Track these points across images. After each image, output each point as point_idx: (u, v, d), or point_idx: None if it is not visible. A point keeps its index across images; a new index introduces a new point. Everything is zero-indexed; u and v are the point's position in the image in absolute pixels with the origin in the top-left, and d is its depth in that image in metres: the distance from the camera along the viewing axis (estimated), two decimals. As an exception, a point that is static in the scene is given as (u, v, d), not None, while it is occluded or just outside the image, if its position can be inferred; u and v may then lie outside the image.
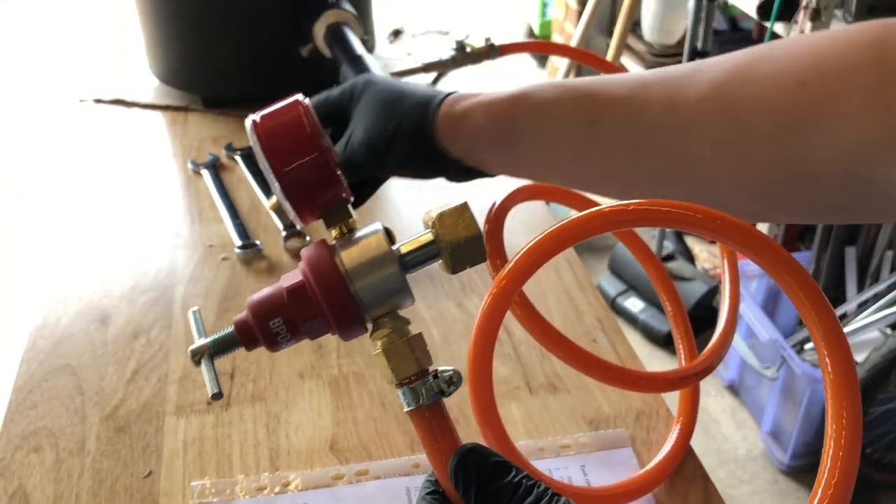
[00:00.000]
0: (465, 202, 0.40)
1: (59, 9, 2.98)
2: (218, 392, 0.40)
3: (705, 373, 0.61)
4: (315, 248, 0.40)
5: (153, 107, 1.20)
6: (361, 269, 0.39)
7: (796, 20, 1.53)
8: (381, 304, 0.40)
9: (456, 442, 0.40)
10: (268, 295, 0.41)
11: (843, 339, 0.35)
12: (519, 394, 0.71)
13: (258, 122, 0.40)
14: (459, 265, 0.40)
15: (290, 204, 0.40)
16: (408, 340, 0.40)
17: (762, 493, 1.69)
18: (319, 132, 0.41)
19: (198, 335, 0.42)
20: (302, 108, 0.40)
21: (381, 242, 0.40)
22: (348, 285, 0.39)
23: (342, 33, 1.06)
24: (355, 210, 0.53)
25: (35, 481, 0.64)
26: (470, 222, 0.39)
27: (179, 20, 1.13)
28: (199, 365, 0.41)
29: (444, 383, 0.40)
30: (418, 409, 0.40)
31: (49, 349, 0.76)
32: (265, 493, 0.63)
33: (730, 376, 1.92)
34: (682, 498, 0.62)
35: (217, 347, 0.41)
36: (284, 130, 0.40)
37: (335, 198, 0.41)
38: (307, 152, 0.39)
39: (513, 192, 0.65)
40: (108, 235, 0.93)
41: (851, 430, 0.35)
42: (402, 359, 0.40)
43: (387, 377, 0.40)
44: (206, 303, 0.82)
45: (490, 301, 0.41)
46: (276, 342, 0.40)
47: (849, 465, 0.35)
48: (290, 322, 0.40)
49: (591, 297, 0.83)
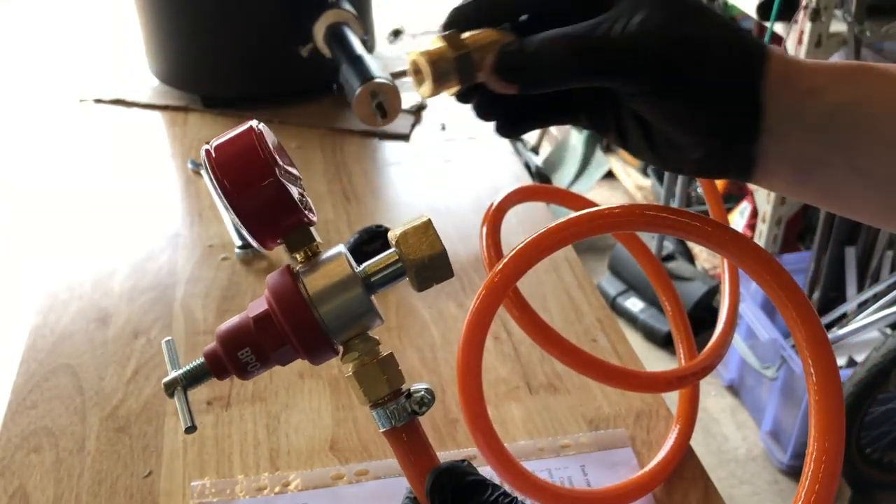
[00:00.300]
0: (429, 219, 0.39)
1: (59, 9, 2.98)
2: (191, 426, 0.39)
3: (704, 372, 0.61)
4: (279, 274, 0.40)
5: (153, 107, 1.20)
6: (325, 293, 0.39)
7: (796, 20, 1.54)
8: (347, 327, 0.39)
9: (432, 460, 0.40)
10: (235, 325, 0.40)
11: (829, 354, 0.35)
12: (519, 394, 0.71)
13: (210, 152, 0.39)
14: (425, 283, 0.39)
15: (247, 231, 0.39)
16: (378, 362, 0.40)
17: (762, 493, 1.69)
18: (274, 159, 0.39)
19: (171, 367, 0.42)
20: (255, 133, 0.39)
21: (343, 265, 0.39)
22: (313, 311, 0.38)
23: (342, 33, 1.06)
24: (507, 137, 0.47)
25: (35, 481, 0.64)
26: (434, 240, 0.39)
27: (179, 20, 1.13)
28: (172, 397, 0.41)
29: (415, 404, 0.40)
30: (393, 430, 0.40)
31: (49, 349, 0.76)
32: (265, 493, 0.63)
33: (730, 376, 1.92)
34: (681, 498, 0.62)
35: (189, 379, 0.41)
36: (237, 157, 0.39)
37: (296, 223, 0.40)
38: (261, 178, 0.38)
39: (510, 193, 0.65)
40: (109, 235, 0.93)
41: (833, 457, 0.35)
42: (373, 381, 0.40)
43: (359, 399, 0.40)
44: (206, 303, 0.82)
45: (482, 297, 0.41)
46: (247, 371, 0.40)
47: (830, 475, 0.35)
48: (259, 351, 0.40)
49: (591, 297, 0.83)
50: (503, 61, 0.41)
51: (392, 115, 0.99)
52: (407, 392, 0.40)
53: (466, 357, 0.50)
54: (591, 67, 0.39)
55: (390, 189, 1.04)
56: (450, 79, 0.42)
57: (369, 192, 1.01)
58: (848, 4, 1.49)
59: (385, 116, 0.99)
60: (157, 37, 1.17)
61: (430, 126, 1.16)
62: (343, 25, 1.07)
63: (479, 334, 0.49)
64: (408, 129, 1.15)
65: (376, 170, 1.07)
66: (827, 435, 0.35)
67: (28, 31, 3.15)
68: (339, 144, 1.11)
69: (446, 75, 0.42)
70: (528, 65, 0.40)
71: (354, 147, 1.10)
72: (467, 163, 1.08)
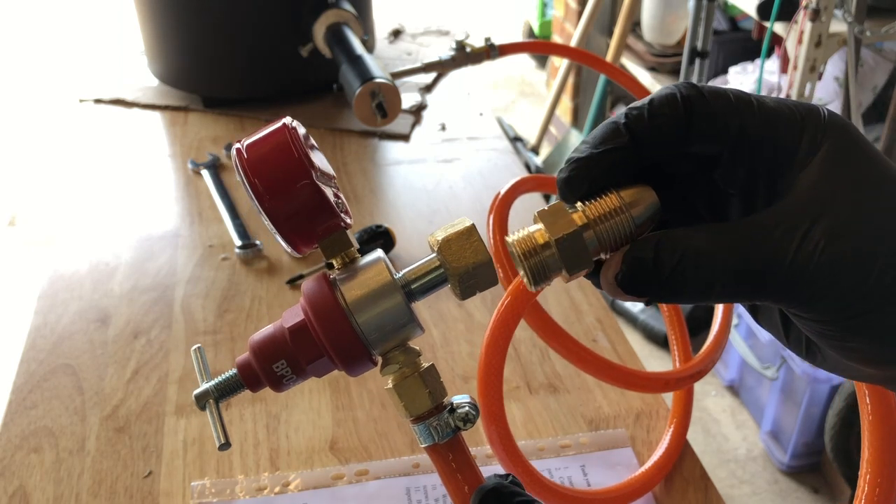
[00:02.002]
0: (472, 224, 0.36)
1: (60, 9, 2.98)
2: (226, 443, 0.37)
3: (700, 375, 0.61)
4: (315, 282, 0.37)
5: (153, 107, 1.20)
6: (363, 302, 0.36)
7: (796, 20, 1.53)
8: (387, 338, 0.37)
9: (477, 477, 0.38)
10: (270, 335, 0.38)
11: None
12: (519, 394, 0.71)
13: (241, 151, 0.37)
14: (469, 291, 0.37)
15: (280, 236, 0.37)
16: (420, 374, 0.38)
17: (762, 493, 1.69)
18: (309, 159, 0.37)
19: (200, 377, 0.39)
20: (289, 131, 0.37)
21: (382, 272, 0.37)
22: (351, 321, 0.36)
23: (342, 33, 1.06)
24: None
25: (35, 481, 0.64)
26: (478, 246, 0.36)
27: (179, 20, 1.13)
28: (203, 410, 0.38)
29: (459, 420, 0.38)
30: (435, 446, 0.38)
31: (49, 349, 0.76)
32: (265, 493, 0.63)
33: (730, 376, 1.92)
34: (681, 498, 0.62)
35: (220, 392, 0.39)
36: (270, 157, 0.36)
37: (332, 228, 0.37)
38: (296, 180, 0.36)
39: (516, 182, 0.65)
40: (108, 235, 0.93)
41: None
42: (415, 395, 0.38)
43: (400, 413, 0.38)
44: (206, 303, 0.82)
45: (508, 302, 0.39)
46: (282, 384, 0.38)
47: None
48: (295, 363, 0.37)
49: (591, 297, 0.83)
50: (633, 275, 0.31)
51: (392, 115, 0.99)
52: (450, 406, 0.38)
53: (490, 358, 0.49)
54: (749, 291, 0.30)
55: (390, 189, 1.04)
56: (553, 272, 0.33)
57: (369, 192, 1.01)
58: (848, 4, 1.49)
59: (385, 116, 0.99)
60: (157, 37, 1.17)
61: (430, 126, 1.16)
62: (343, 25, 1.07)
63: (504, 337, 0.48)
64: (408, 129, 1.15)
65: (376, 170, 1.07)
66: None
67: (28, 31, 3.15)
68: (339, 144, 1.11)
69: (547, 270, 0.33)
70: (667, 283, 0.30)
71: (354, 147, 1.10)
72: (467, 163, 1.08)
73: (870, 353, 0.29)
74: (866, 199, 0.28)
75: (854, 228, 0.28)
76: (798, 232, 0.28)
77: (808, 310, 0.29)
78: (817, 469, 1.71)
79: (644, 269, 0.30)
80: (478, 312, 0.81)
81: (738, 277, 0.29)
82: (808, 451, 1.69)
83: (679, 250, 0.30)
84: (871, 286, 0.28)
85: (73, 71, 1.33)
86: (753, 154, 0.31)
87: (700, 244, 0.30)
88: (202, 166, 1.03)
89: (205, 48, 1.15)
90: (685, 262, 0.30)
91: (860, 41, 1.51)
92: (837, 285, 0.28)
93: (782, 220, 0.29)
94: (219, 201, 0.97)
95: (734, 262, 0.29)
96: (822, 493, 1.67)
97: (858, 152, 0.29)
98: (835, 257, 0.28)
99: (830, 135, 0.30)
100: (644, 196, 0.32)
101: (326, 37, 1.07)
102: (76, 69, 1.32)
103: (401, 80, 1.07)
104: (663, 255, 0.30)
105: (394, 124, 1.04)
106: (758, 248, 0.29)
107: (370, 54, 1.03)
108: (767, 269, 0.28)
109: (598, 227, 0.32)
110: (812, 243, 0.28)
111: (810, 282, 0.28)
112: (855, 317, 0.28)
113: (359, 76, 0.98)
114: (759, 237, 0.29)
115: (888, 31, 1.53)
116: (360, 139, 1.12)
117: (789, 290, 0.28)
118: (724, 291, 0.30)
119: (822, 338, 0.30)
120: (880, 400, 0.40)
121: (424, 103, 1.21)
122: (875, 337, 0.29)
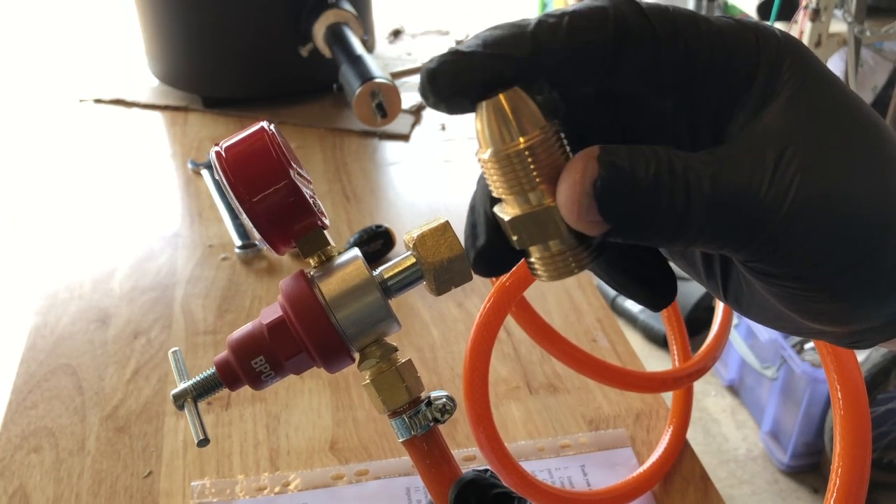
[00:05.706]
0: (447, 221, 0.38)
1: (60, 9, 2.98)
2: (204, 439, 0.38)
3: (699, 374, 0.61)
4: (293, 280, 0.39)
5: (153, 107, 1.20)
6: (341, 298, 0.38)
7: (796, 20, 1.54)
8: (365, 333, 0.38)
9: (454, 471, 0.39)
10: (248, 332, 0.39)
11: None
12: (519, 394, 0.71)
13: (220, 153, 0.38)
14: (444, 286, 0.38)
15: (260, 235, 0.38)
16: (397, 369, 0.39)
17: (762, 493, 1.69)
18: (287, 160, 0.38)
19: (178, 378, 0.40)
20: (268, 133, 0.38)
21: (360, 269, 0.38)
22: (329, 317, 0.37)
23: (342, 33, 1.06)
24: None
25: (35, 481, 0.64)
26: (453, 241, 0.38)
27: (179, 20, 1.13)
28: (182, 409, 0.40)
29: (437, 412, 0.39)
30: (412, 440, 0.39)
31: (49, 349, 0.76)
32: (265, 493, 0.63)
33: (730, 376, 1.92)
34: (681, 498, 0.62)
35: (199, 390, 0.40)
36: (250, 159, 0.37)
37: (309, 227, 0.39)
38: (275, 181, 0.37)
39: None
40: (109, 235, 0.93)
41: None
42: (392, 389, 0.39)
43: (378, 408, 0.39)
44: (206, 303, 0.82)
45: (492, 301, 0.40)
46: (260, 381, 0.39)
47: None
48: (273, 359, 0.38)
49: (591, 297, 0.83)
50: (612, 183, 0.24)
51: (392, 115, 0.99)
52: (427, 399, 0.39)
53: (474, 360, 0.49)
54: (711, 233, 0.24)
55: (390, 189, 1.04)
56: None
57: (369, 192, 1.01)
58: (848, 4, 1.49)
59: (385, 116, 0.99)
60: (157, 37, 1.17)
61: (430, 126, 1.16)
62: (343, 25, 1.07)
63: (488, 339, 0.48)
64: (408, 129, 1.15)
65: (376, 170, 1.07)
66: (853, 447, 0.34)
67: (28, 31, 3.15)
68: (339, 144, 1.11)
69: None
70: (641, 199, 0.24)
71: (354, 147, 1.10)
72: (467, 163, 1.08)
73: (842, 314, 0.26)
74: (842, 132, 0.24)
75: (827, 167, 0.24)
76: (767, 167, 0.24)
77: (782, 262, 0.24)
78: (817, 469, 1.71)
79: (622, 178, 0.24)
80: (477, 312, 0.81)
81: (712, 212, 0.24)
82: (808, 451, 1.69)
83: (653, 163, 0.24)
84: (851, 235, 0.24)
85: (74, 71, 1.33)
86: (703, 87, 0.25)
87: (677, 163, 0.24)
88: (202, 166, 1.04)
89: (205, 48, 1.15)
90: (661, 179, 0.24)
91: (860, 41, 1.51)
92: (819, 230, 0.24)
93: (750, 153, 0.24)
94: (219, 201, 0.97)
95: (710, 189, 0.24)
96: (822, 493, 1.67)
97: (824, 80, 0.25)
98: (808, 196, 0.23)
99: (792, 62, 0.25)
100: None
101: (326, 37, 1.07)
102: (76, 69, 1.32)
103: (401, 80, 1.07)
104: (638, 166, 0.24)
105: (394, 124, 1.04)
106: (729, 180, 0.24)
107: (370, 54, 1.03)
108: (743, 205, 0.24)
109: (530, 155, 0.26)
110: (786, 180, 0.23)
111: (787, 230, 0.24)
112: (837, 273, 0.24)
113: (359, 76, 0.98)
114: (730, 167, 0.24)
115: (888, 31, 1.53)
116: (360, 139, 1.12)
117: (761, 229, 0.24)
118: (694, 229, 0.24)
119: (785, 300, 0.26)
120: (852, 395, 0.40)
121: (424, 103, 1.21)
122: (857, 295, 0.25)
